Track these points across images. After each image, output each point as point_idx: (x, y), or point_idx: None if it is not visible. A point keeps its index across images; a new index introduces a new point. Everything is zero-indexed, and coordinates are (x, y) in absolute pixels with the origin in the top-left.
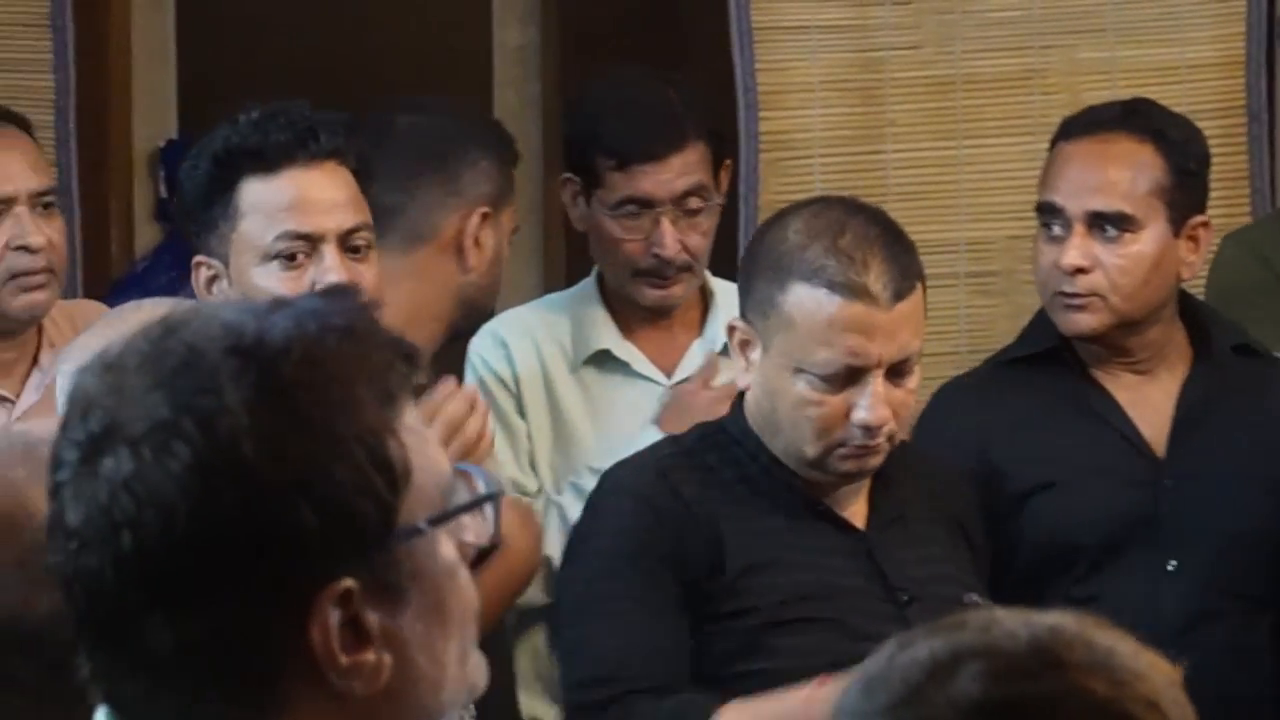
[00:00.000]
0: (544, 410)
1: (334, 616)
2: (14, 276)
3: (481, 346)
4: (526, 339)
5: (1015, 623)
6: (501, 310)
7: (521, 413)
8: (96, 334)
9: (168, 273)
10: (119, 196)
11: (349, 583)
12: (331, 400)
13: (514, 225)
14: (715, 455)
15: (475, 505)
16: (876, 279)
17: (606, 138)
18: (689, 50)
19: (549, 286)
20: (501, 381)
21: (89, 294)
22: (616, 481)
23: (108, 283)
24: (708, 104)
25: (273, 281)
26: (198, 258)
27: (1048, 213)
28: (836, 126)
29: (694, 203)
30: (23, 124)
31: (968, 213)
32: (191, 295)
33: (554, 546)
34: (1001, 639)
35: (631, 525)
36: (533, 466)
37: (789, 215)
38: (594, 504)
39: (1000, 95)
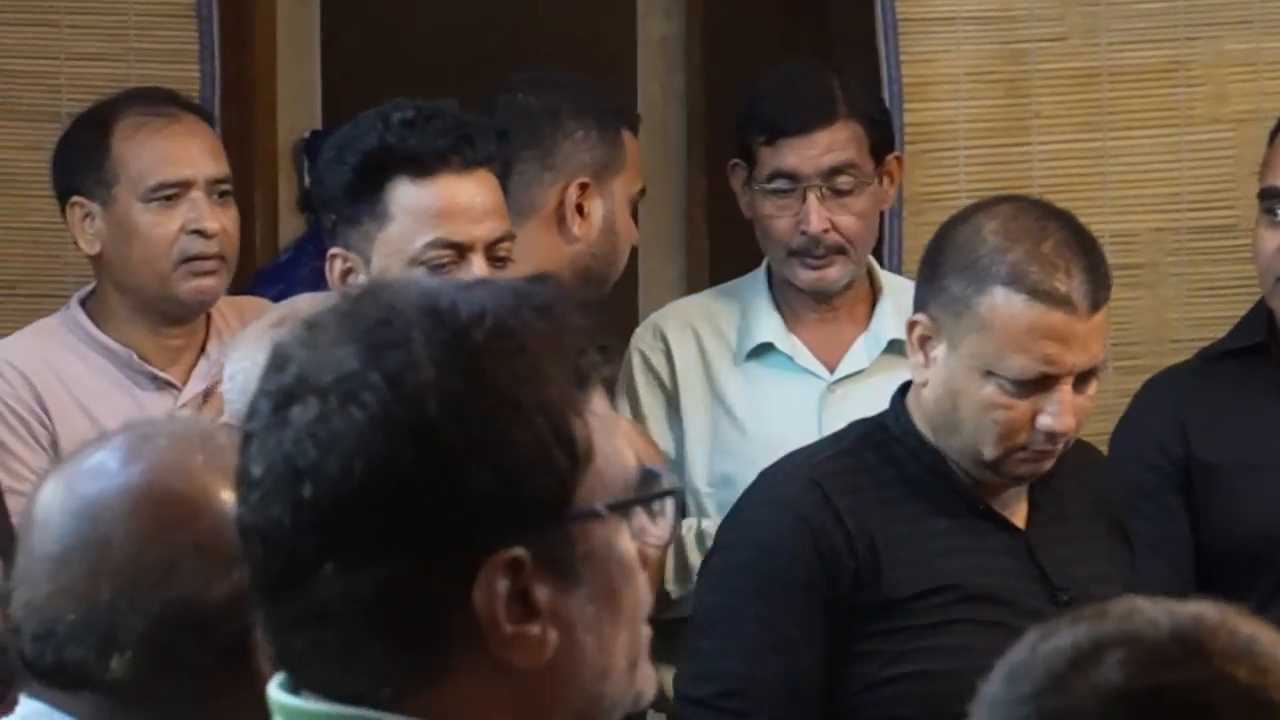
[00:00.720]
0: (704, 404)
1: (501, 585)
2: (187, 260)
3: (641, 338)
4: (687, 331)
5: (1157, 611)
6: (649, 300)
7: (677, 408)
8: (262, 326)
9: (310, 264)
10: (263, 188)
11: (519, 552)
12: (518, 369)
13: (635, 191)
14: (875, 454)
15: (657, 497)
16: (1078, 288)
17: (760, 115)
18: (834, 42)
19: (692, 279)
20: (656, 376)
21: (233, 285)
22: (769, 490)
23: (251, 273)
24: (871, 94)
25: None
26: (334, 249)
27: (1270, 197)
28: (981, 119)
29: (844, 182)
30: (203, 114)
31: (1113, 205)
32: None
33: (693, 551)
34: (1143, 627)
35: (777, 543)
36: (684, 461)
37: (980, 215)
38: (743, 510)
39: (1145, 87)
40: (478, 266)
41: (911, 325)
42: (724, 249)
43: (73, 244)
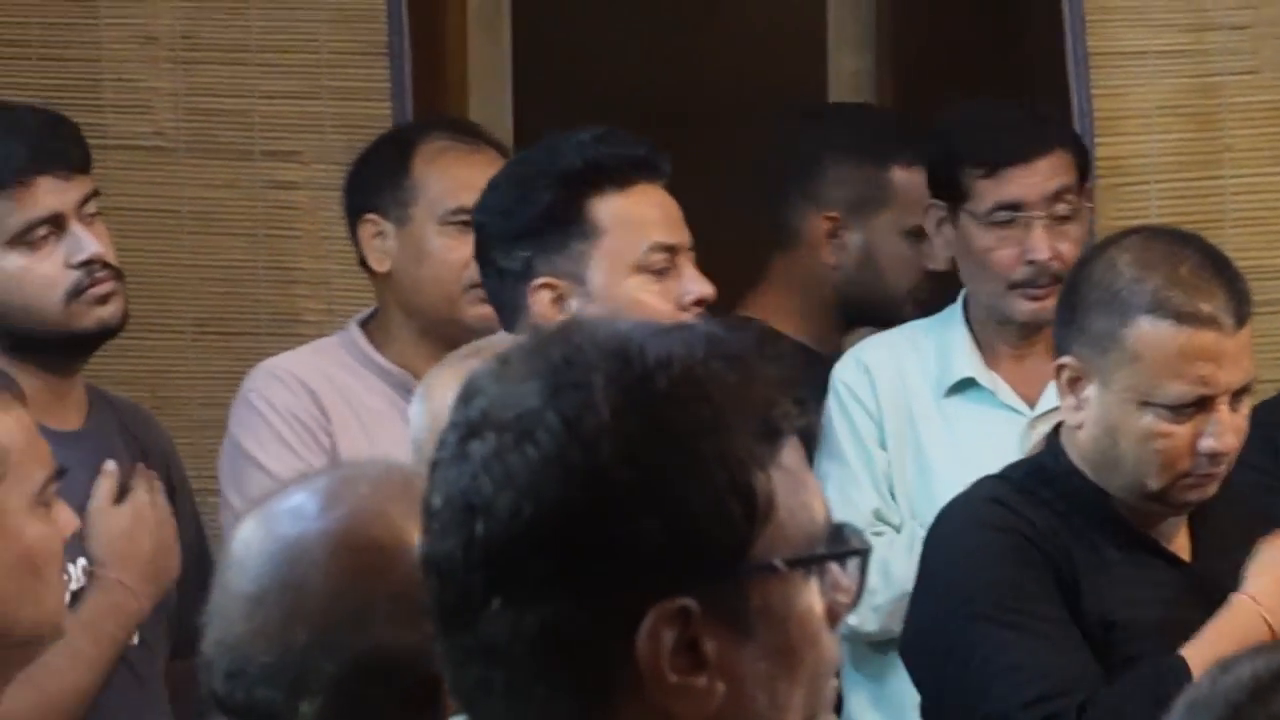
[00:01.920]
0: (905, 440)
1: (668, 634)
2: (475, 286)
3: (844, 372)
4: (891, 366)
5: None
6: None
7: (883, 442)
8: (455, 362)
9: None
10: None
11: (688, 602)
12: (700, 418)
13: (907, 225)
14: (1047, 490)
15: (843, 556)
16: (1222, 306)
17: (972, 149)
18: (1025, 76)
19: None
20: (864, 408)
21: None
22: (963, 518)
23: None
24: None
25: (647, 294)
26: (541, 280)
27: None
28: (1173, 152)
29: (1063, 208)
30: (503, 149)
31: None
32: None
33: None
34: None
35: (1004, 546)
36: (893, 497)
37: (1111, 250)
38: (942, 543)
39: None
40: (689, 269)
41: (1059, 369)
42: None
43: (263, 281)
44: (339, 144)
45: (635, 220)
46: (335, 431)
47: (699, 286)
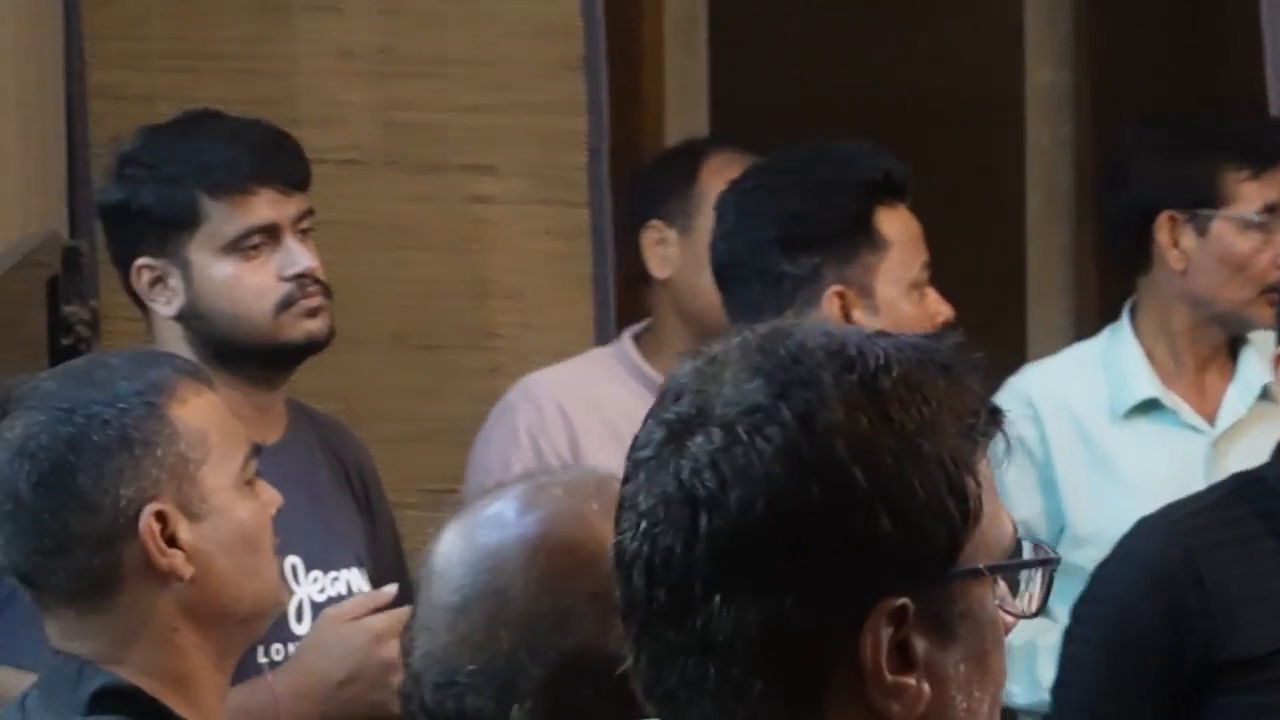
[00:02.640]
0: (1082, 466)
1: (886, 632)
2: None
3: (1005, 406)
4: (1054, 397)
5: None
6: (1037, 348)
7: (1050, 477)
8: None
9: None
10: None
11: (906, 601)
12: (923, 419)
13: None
14: (1246, 507)
15: (1039, 564)
16: None
17: (1235, 150)
18: (1223, 89)
19: (1081, 326)
20: (1023, 445)
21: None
22: (1134, 547)
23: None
24: None
25: (918, 310)
26: (835, 288)
27: None
28: None
29: None
30: None
31: None
32: None
33: None
34: None
35: (1134, 608)
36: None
37: None
38: (1109, 564)
39: None
40: (933, 292)
41: (1277, 359)
42: (1115, 296)
43: (460, 295)
44: (534, 158)
45: (912, 236)
46: (582, 449)
47: (943, 308)
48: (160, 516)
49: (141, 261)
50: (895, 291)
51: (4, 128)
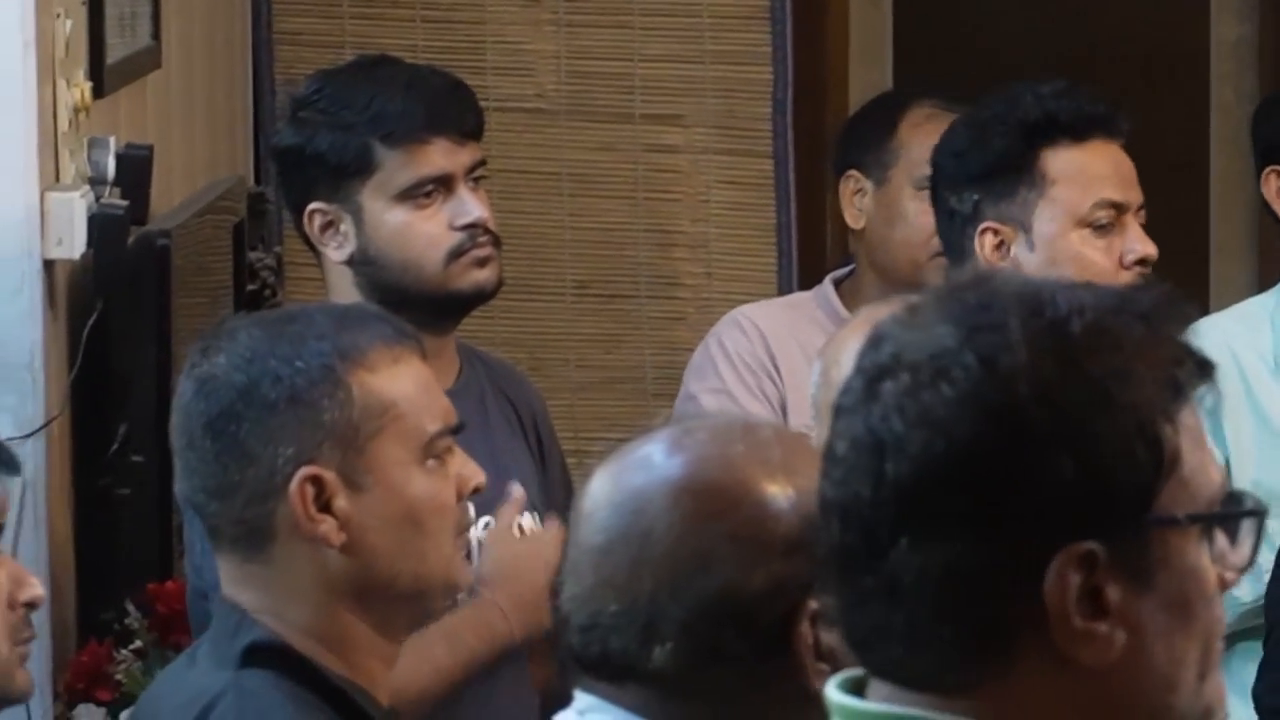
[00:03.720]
0: (1246, 421)
1: (1074, 578)
2: (941, 254)
3: None
4: (1223, 347)
5: None
6: (1220, 305)
7: (1219, 430)
8: (856, 325)
9: None
10: (835, 188)
11: (1094, 547)
12: (1112, 365)
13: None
14: None
15: (1243, 515)
16: None
17: None
18: None
19: (1264, 282)
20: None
21: (805, 286)
22: None
23: (822, 273)
24: None
25: (1090, 249)
26: (985, 224)
27: None
28: None
29: None
30: None
31: None
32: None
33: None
34: None
35: None
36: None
37: None
38: None
39: None
40: (1134, 231)
41: None
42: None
43: (643, 244)
44: (718, 108)
45: (1085, 174)
46: (785, 382)
47: (1142, 246)
48: (316, 481)
49: (314, 206)
50: (1054, 229)
51: (192, 74)
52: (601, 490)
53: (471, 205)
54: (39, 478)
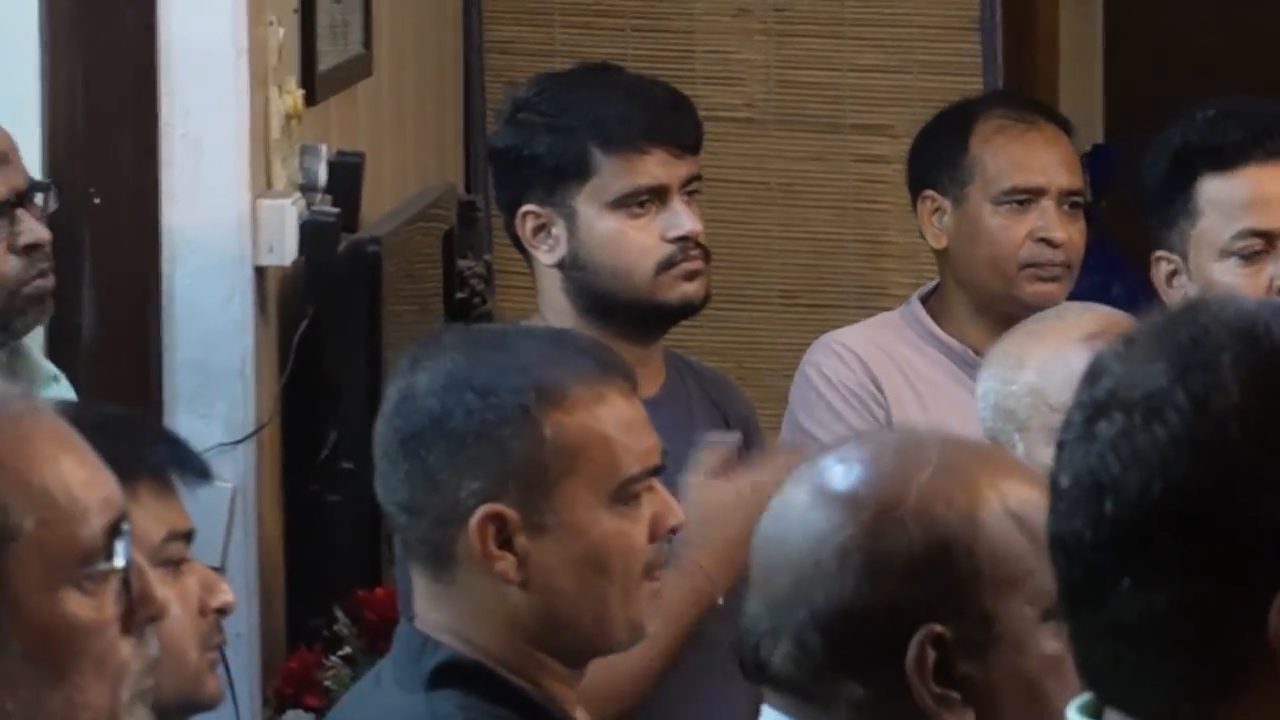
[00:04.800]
0: None
1: None
2: (1031, 265)
3: None
4: None
5: None
6: None
7: None
8: (1018, 338)
9: (1090, 277)
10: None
11: None
12: None
13: None
14: None
15: None
16: None
17: None
18: None
19: None
20: None
21: None
22: None
23: None
24: None
25: (1231, 278)
26: (1158, 253)
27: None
28: None
29: None
30: (1064, 124)
31: None
32: (1114, 302)
33: None
34: None
35: None
36: None
37: None
38: None
39: None
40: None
41: None
42: None
43: (851, 254)
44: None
45: (1230, 204)
46: (890, 402)
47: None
48: (498, 518)
49: (527, 208)
50: (1203, 259)
51: (403, 82)
52: (780, 503)
53: (685, 218)
54: (249, 484)
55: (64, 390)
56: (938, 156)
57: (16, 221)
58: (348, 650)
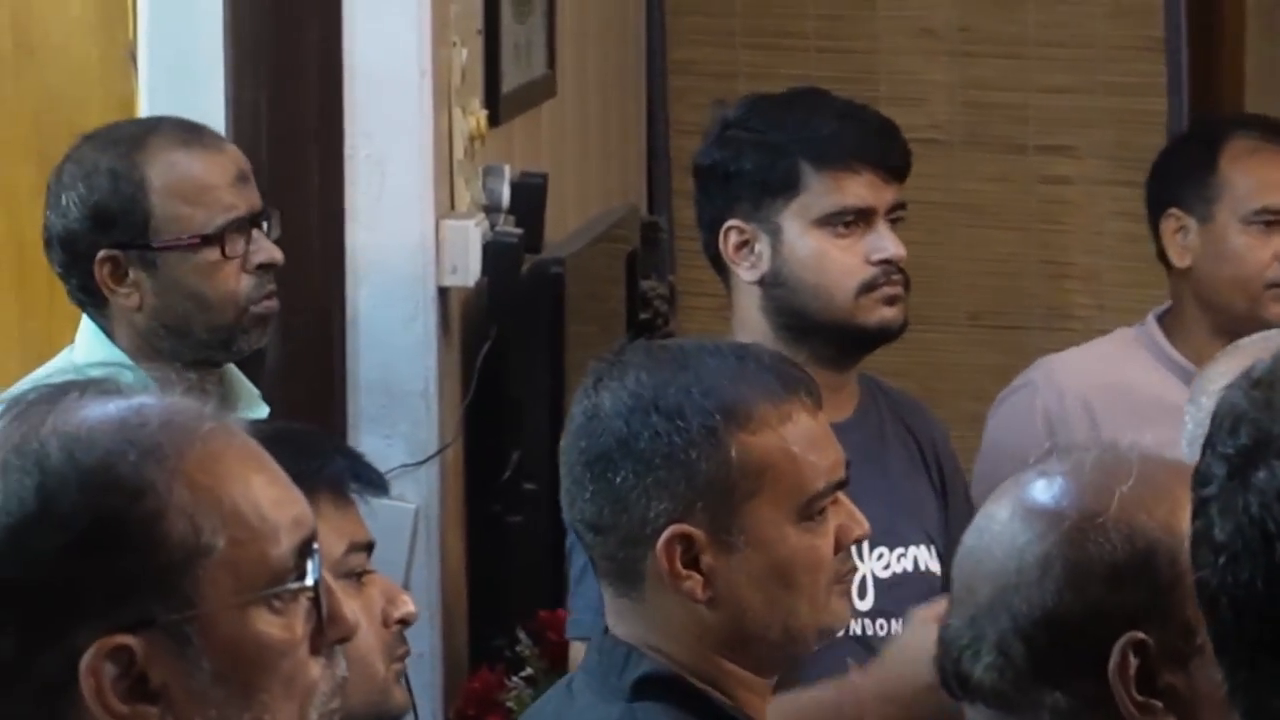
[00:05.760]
0: None
1: None
2: (1274, 286)
3: None
4: None
5: None
6: None
7: None
8: (1229, 356)
9: None
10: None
11: None
12: None
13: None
14: None
15: None
16: None
17: None
18: None
19: None
20: None
21: None
22: None
23: None
24: None
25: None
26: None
27: None
28: None
29: None
30: None
31: None
32: None
33: None
34: None
35: None
36: None
37: None
38: None
39: None
40: None
41: None
42: None
43: (1035, 275)
44: (1112, 139)
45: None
46: (1101, 428)
47: None
48: (685, 538)
49: (731, 223)
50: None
51: (586, 103)
52: (983, 520)
53: (889, 242)
54: (432, 504)
55: (263, 412)
56: (1184, 174)
57: (253, 240)
58: (529, 671)
